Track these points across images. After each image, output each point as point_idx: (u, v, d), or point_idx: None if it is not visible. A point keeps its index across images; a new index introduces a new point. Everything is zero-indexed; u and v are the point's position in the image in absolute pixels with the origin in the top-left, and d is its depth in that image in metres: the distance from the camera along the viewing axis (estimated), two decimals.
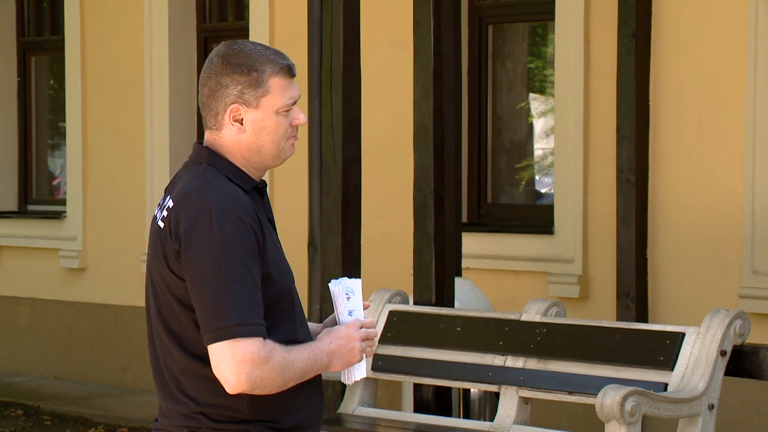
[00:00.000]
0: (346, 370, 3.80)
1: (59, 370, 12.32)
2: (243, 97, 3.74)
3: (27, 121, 13.07)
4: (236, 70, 3.75)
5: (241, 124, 3.76)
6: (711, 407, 6.68)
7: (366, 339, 3.82)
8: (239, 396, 3.65)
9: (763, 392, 7.10)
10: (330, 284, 3.88)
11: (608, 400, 6.38)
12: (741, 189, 8.72)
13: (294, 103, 3.79)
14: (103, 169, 12.07)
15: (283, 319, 3.74)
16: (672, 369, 6.80)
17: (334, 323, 3.91)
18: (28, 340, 12.61)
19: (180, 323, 3.69)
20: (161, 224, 3.71)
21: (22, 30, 13.07)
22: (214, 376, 3.62)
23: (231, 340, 3.55)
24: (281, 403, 3.74)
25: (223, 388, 3.62)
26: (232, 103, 3.74)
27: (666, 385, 6.76)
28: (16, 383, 12.07)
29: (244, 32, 10.94)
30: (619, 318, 8.89)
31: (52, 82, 12.95)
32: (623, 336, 7.23)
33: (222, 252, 3.59)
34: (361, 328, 3.82)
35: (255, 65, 3.75)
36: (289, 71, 3.79)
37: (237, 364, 3.56)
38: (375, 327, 3.88)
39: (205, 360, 3.63)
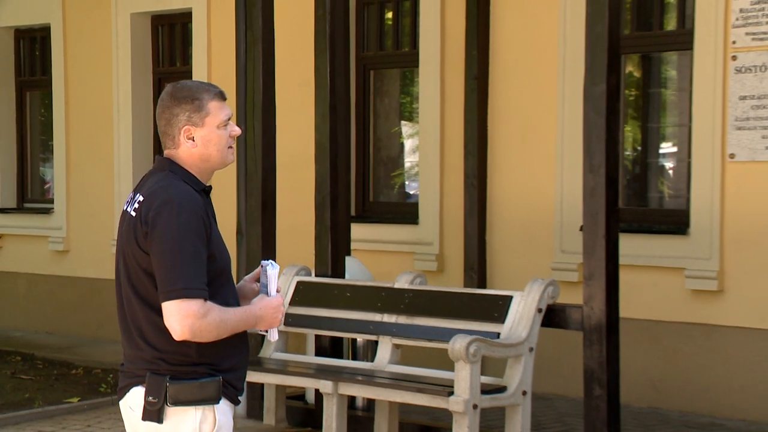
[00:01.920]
0: (270, 330, 3.85)
1: (48, 326, 12.17)
2: (191, 120, 3.73)
3: (24, 141, 12.90)
4: (183, 101, 3.74)
5: (193, 140, 3.74)
6: (531, 350, 6.80)
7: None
8: (188, 344, 3.62)
9: (568, 338, 7.18)
10: (268, 266, 3.89)
11: (457, 345, 6.50)
12: (553, 190, 8.79)
13: (229, 119, 3.79)
14: (82, 177, 11.93)
15: (222, 287, 3.73)
16: (503, 322, 6.89)
17: (250, 291, 3.96)
18: (25, 304, 12.44)
19: (145, 287, 3.67)
20: (133, 213, 3.70)
21: (19, 71, 12.87)
22: (167, 328, 3.61)
23: (179, 300, 3.55)
24: (220, 350, 3.71)
25: (175, 339, 3.62)
26: (184, 126, 3.73)
27: (499, 333, 6.85)
28: (15, 337, 11.90)
29: (188, 74, 10.81)
30: (466, 285, 8.98)
31: (42, 111, 12.78)
32: (468, 298, 7.34)
33: (178, 234, 3.60)
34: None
35: (196, 95, 3.75)
36: (221, 96, 3.79)
37: (182, 317, 3.55)
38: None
39: (161, 314, 3.61)
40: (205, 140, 3.76)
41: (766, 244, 7.83)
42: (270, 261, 3.93)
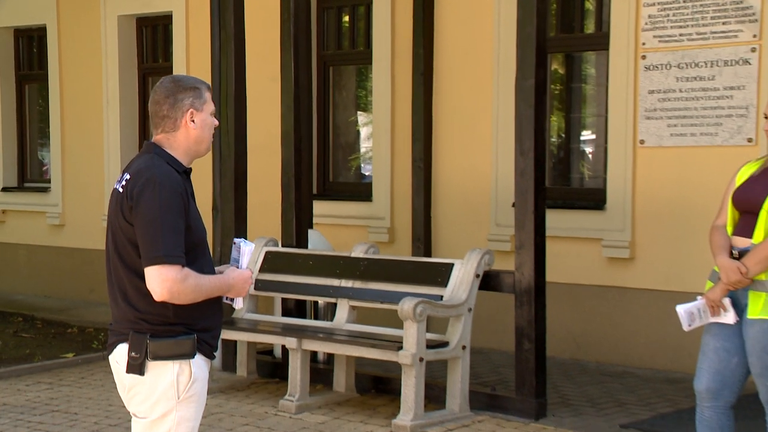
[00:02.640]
0: (236, 298, 3.87)
1: (46, 291, 12.12)
2: (194, 104, 3.78)
3: (23, 128, 12.80)
4: (187, 88, 3.79)
5: (194, 122, 3.77)
6: (469, 310, 6.83)
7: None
8: (166, 306, 3.64)
9: (501, 300, 7.15)
10: (241, 243, 3.93)
11: (405, 306, 6.52)
12: (489, 172, 8.80)
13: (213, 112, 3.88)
14: (75, 159, 11.87)
15: (198, 257, 3.74)
16: (445, 286, 6.90)
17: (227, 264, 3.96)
18: (26, 271, 12.38)
19: (130, 255, 3.69)
20: (121, 190, 3.72)
21: (18, 66, 12.77)
22: (149, 292, 3.62)
23: (159, 265, 3.58)
24: (195, 311, 3.71)
25: (156, 301, 3.64)
26: (189, 109, 3.77)
27: (442, 296, 6.86)
28: (17, 300, 11.82)
29: (169, 69, 10.78)
30: (413, 254, 9.00)
31: (40, 101, 12.68)
32: (415, 266, 7.36)
33: (159, 208, 3.61)
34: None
35: (197, 85, 3.82)
36: (210, 90, 3.88)
37: (162, 281, 3.57)
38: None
39: (144, 279, 3.63)
40: (203, 123, 3.81)
41: (671, 218, 7.90)
42: (243, 239, 3.97)
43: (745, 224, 4.86)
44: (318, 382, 7.49)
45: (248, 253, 3.92)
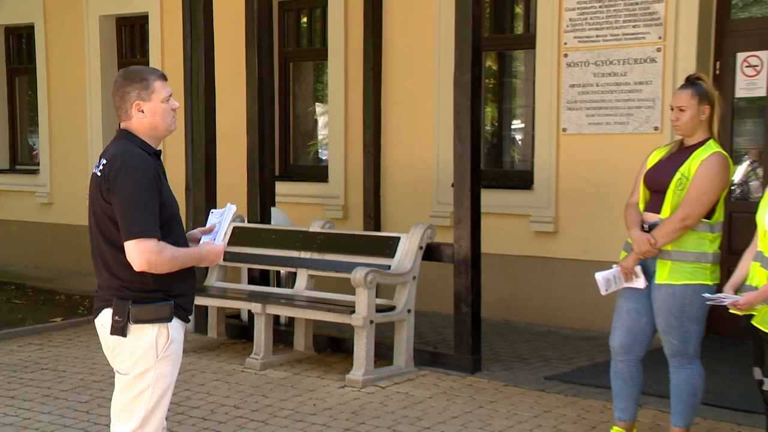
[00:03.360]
0: (209, 267, 3.88)
1: (37, 262, 12.01)
2: (140, 96, 3.69)
3: (14, 116, 12.65)
4: (133, 81, 3.70)
5: (143, 112, 3.70)
6: (414, 278, 6.84)
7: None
8: (145, 275, 3.61)
9: (441, 269, 7.11)
10: (216, 215, 3.89)
11: (357, 275, 6.54)
12: (431, 156, 8.80)
13: (170, 96, 3.75)
14: (62, 144, 11.76)
15: (172, 230, 3.71)
16: (393, 257, 6.92)
17: (195, 238, 3.90)
18: (17, 245, 12.24)
19: (110, 231, 3.66)
20: (99, 174, 3.68)
21: (9, 60, 12.61)
22: (129, 264, 3.60)
23: (137, 239, 3.55)
24: (172, 280, 3.69)
25: (136, 271, 3.61)
26: (135, 101, 3.69)
27: (389, 266, 6.87)
28: (10, 270, 11.69)
29: (146, 64, 10.56)
30: (365, 229, 8.99)
31: (29, 92, 12.54)
32: (366, 239, 7.35)
33: (134, 188, 3.58)
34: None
35: (143, 76, 3.72)
36: (163, 77, 3.76)
37: (141, 253, 3.54)
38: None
39: (124, 252, 3.60)
40: (152, 112, 3.70)
41: (590, 197, 7.95)
42: (221, 210, 3.90)
43: (655, 202, 4.95)
44: (280, 342, 7.49)
45: (229, 214, 3.87)
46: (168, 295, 3.70)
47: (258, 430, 5.64)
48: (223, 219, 3.88)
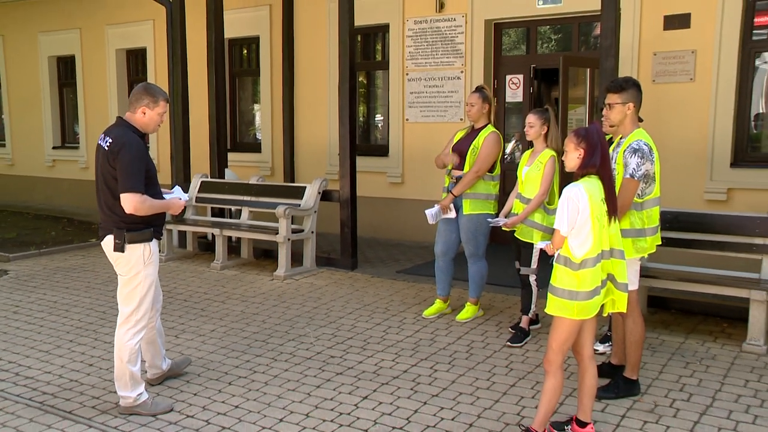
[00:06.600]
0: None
1: (81, 205, 11.21)
2: (148, 105, 3.56)
3: (64, 112, 11.56)
4: (149, 94, 3.57)
5: (144, 114, 3.56)
6: (315, 212, 6.71)
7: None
8: (134, 215, 3.49)
9: (332, 206, 7.09)
10: (177, 190, 3.71)
11: (279, 210, 6.41)
12: (326, 136, 8.54)
13: (164, 113, 3.61)
14: (93, 131, 10.90)
15: (151, 186, 3.57)
16: (302, 199, 6.77)
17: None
18: (68, 195, 11.40)
19: (112, 185, 3.50)
20: (106, 147, 3.51)
21: (60, 77, 11.45)
22: (123, 207, 3.47)
23: (129, 193, 3.44)
24: (151, 217, 3.57)
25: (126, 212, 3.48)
26: (143, 106, 3.56)
27: (300, 204, 6.71)
28: (64, 209, 10.94)
29: (145, 79, 10.03)
30: (285, 182, 8.71)
31: (72, 97, 11.67)
32: (285, 188, 7.12)
33: (129, 159, 3.44)
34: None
35: (156, 95, 3.57)
36: (167, 100, 3.61)
37: (130, 202, 3.44)
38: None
39: (120, 199, 3.48)
40: (150, 117, 3.58)
41: (423, 160, 7.89)
42: (178, 188, 3.75)
43: (461, 163, 5.00)
44: (232, 253, 7.33)
45: (181, 190, 3.77)
46: (149, 225, 3.61)
47: (219, 306, 5.54)
48: (178, 190, 3.80)
